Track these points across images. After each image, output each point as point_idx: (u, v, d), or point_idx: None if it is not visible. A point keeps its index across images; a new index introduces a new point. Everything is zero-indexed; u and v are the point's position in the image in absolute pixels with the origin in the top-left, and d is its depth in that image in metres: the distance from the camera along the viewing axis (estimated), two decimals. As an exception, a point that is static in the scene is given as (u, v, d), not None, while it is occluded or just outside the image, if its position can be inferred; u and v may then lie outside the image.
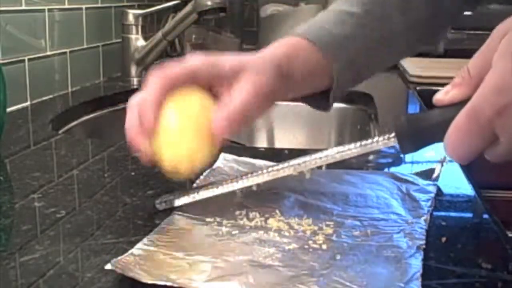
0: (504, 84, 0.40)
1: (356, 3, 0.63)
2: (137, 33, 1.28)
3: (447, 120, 0.43)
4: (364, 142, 0.50)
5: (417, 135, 0.46)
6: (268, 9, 1.71)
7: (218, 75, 0.54)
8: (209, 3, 1.20)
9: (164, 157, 0.52)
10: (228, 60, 0.55)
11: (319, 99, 0.63)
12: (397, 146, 0.48)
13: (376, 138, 0.49)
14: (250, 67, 0.55)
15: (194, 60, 0.54)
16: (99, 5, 1.28)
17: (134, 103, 0.53)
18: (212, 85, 0.55)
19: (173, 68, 0.54)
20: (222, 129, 0.52)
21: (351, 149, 0.51)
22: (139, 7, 1.46)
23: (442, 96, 0.45)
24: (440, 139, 0.44)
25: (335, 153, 0.51)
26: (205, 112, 0.53)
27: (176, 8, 1.40)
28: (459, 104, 0.43)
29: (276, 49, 0.58)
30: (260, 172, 0.54)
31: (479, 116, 0.41)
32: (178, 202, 0.54)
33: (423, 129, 0.46)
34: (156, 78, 0.53)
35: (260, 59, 0.56)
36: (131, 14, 1.28)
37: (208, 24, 1.74)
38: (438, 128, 0.44)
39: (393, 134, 0.48)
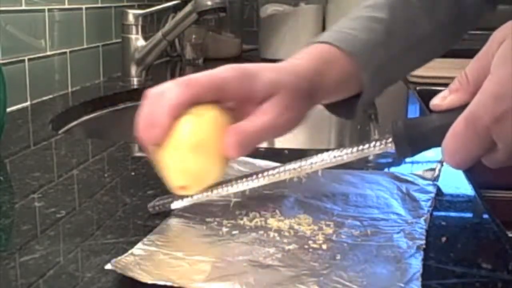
0: (502, 91, 0.40)
1: (382, 8, 0.62)
2: (137, 33, 1.28)
3: (444, 126, 0.43)
4: (361, 147, 0.50)
5: (414, 140, 0.46)
6: (268, 9, 1.71)
7: (249, 92, 0.51)
8: (209, 3, 1.20)
9: (171, 172, 0.50)
10: (262, 76, 0.52)
11: (344, 107, 0.61)
12: (394, 150, 0.48)
13: (373, 143, 0.49)
14: (284, 89, 0.52)
15: (227, 73, 0.51)
16: (99, 5, 1.28)
17: (152, 97, 0.49)
18: (242, 101, 0.52)
19: (201, 78, 0.50)
20: (231, 150, 0.49)
21: (348, 154, 0.50)
22: (139, 7, 1.46)
23: (440, 101, 0.45)
24: (437, 144, 0.44)
25: (332, 157, 0.51)
26: (220, 132, 0.50)
27: (176, 8, 1.40)
28: (457, 110, 0.43)
29: (308, 62, 0.56)
30: (255, 176, 0.53)
31: (477, 122, 0.41)
32: (173, 206, 0.53)
33: (420, 134, 0.46)
34: (181, 85, 0.49)
35: (294, 77, 0.53)
36: (131, 14, 1.28)
37: (208, 24, 1.74)
38: (436, 133, 0.44)
39: (390, 139, 0.48)
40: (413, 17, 0.62)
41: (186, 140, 0.49)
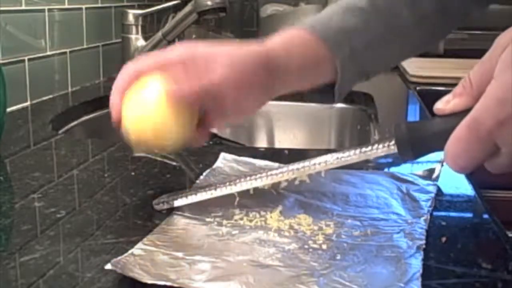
0: (505, 96, 0.40)
1: None
2: (137, 33, 1.28)
3: (448, 130, 0.43)
4: (364, 149, 0.50)
5: (417, 143, 0.46)
6: (268, 9, 1.71)
7: (192, 65, 0.55)
8: (209, 3, 1.20)
9: (131, 132, 0.54)
10: (204, 49, 0.55)
11: (325, 93, 0.63)
12: (397, 153, 0.48)
13: (376, 145, 0.49)
14: (225, 57, 0.55)
15: (170, 51, 0.56)
16: (99, 5, 1.28)
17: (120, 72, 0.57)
18: (189, 78, 0.55)
19: (146, 60, 0.56)
20: (174, 94, 0.53)
21: (351, 155, 0.50)
22: (139, 7, 1.46)
23: (443, 105, 0.45)
24: (440, 148, 0.44)
25: (335, 159, 0.51)
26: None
27: (176, 8, 1.40)
28: (460, 114, 0.43)
29: (273, 40, 0.59)
30: (259, 175, 0.53)
31: (480, 127, 0.41)
32: (177, 203, 0.54)
33: (423, 137, 0.46)
34: (127, 68, 0.56)
35: (242, 50, 0.56)
36: (131, 14, 1.28)
37: (208, 24, 1.74)
38: (439, 137, 0.44)
39: (393, 142, 0.48)
40: (394, 7, 0.63)
41: (137, 100, 0.54)
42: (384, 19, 0.62)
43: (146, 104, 0.53)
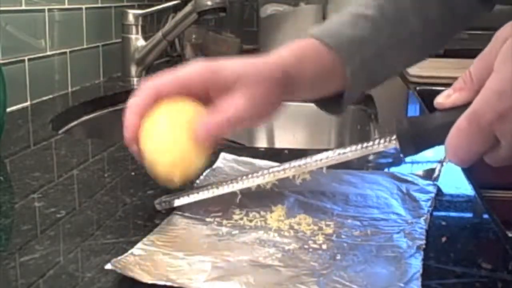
0: (505, 89, 0.40)
1: (371, 5, 0.62)
2: (137, 33, 1.28)
3: (448, 123, 0.43)
4: (365, 144, 0.50)
5: (418, 137, 0.46)
6: (268, 9, 1.71)
7: (213, 86, 0.54)
8: (209, 3, 1.20)
9: (157, 164, 0.52)
10: (225, 69, 0.54)
11: (331, 103, 0.62)
12: (398, 148, 0.48)
13: (377, 140, 0.49)
14: (246, 79, 0.54)
15: (190, 70, 0.54)
16: (99, 5, 1.28)
17: (127, 107, 0.54)
18: (209, 96, 0.55)
19: (165, 78, 0.54)
20: (204, 135, 0.52)
21: (352, 151, 0.51)
22: (139, 7, 1.46)
23: (444, 99, 0.45)
24: (441, 142, 0.44)
25: (336, 155, 0.51)
26: (197, 119, 0.53)
27: (176, 8, 1.40)
28: (461, 108, 0.43)
29: (285, 52, 0.58)
30: (260, 173, 0.54)
31: (480, 120, 0.41)
32: (178, 202, 0.54)
33: (424, 132, 0.46)
34: (146, 87, 0.54)
35: (260, 67, 0.55)
36: (131, 14, 1.28)
37: (208, 24, 1.74)
38: (440, 131, 0.44)
39: (394, 137, 0.48)
40: (402, 14, 0.63)
41: (163, 130, 0.53)
42: (392, 27, 0.62)
43: (169, 137, 0.52)
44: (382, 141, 0.49)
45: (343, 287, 0.40)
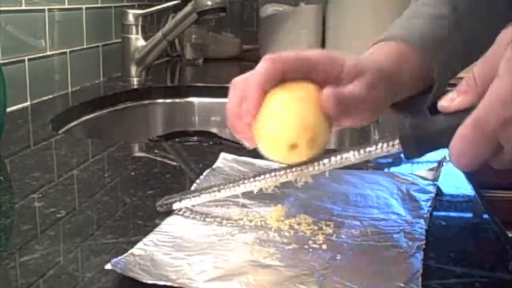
0: (509, 96, 0.40)
1: (442, 5, 0.63)
2: (137, 33, 1.28)
3: (452, 127, 0.43)
4: (368, 149, 0.49)
5: (421, 141, 0.46)
6: (268, 9, 1.71)
7: (332, 71, 0.52)
8: (209, 3, 1.20)
9: (281, 137, 0.48)
10: (342, 58, 0.53)
11: (409, 104, 0.62)
12: (401, 151, 0.48)
13: (380, 144, 0.49)
14: (367, 77, 0.53)
15: (314, 52, 0.52)
16: (99, 5, 1.28)
17: (239, 82, 0.50)
18: (326, 82, 0.51)
19: (290, 55, 0.51)
20: (329, 104, 0.49)
21: (355, 156, 0.50)
22: (139, 7, 1.46)
23: (448, 103, 0.45)
24: (444, 145, 0.44)
25: (339, 159, 0.51)
26: (314, 103, 0.49)
27: (176, 8, 1.40)
28: (465, 111, 0.43)
29: (383, 57, 0.58)
30: (262, 176, 0.53)
31: (484, 126, 0.41)
32: (179, 205, 0.53)
33: (427, 135, 0.46)
34: (268, 60, 0.50)
35: (375, 70, 0.54)
36: (131, 14, 1.28)
37: (208, 24, 1.74)
38: (443, 134, 0.44)
39: (397, 140, 0.48)
40: (474, 11, 0.63)
41: (282, 105, 0.48)
42: (467, 23, 0.63)
43: (306, 116, 0.49)
44: (385, 145, 0.49)
45: (343, 287, 0.40)
